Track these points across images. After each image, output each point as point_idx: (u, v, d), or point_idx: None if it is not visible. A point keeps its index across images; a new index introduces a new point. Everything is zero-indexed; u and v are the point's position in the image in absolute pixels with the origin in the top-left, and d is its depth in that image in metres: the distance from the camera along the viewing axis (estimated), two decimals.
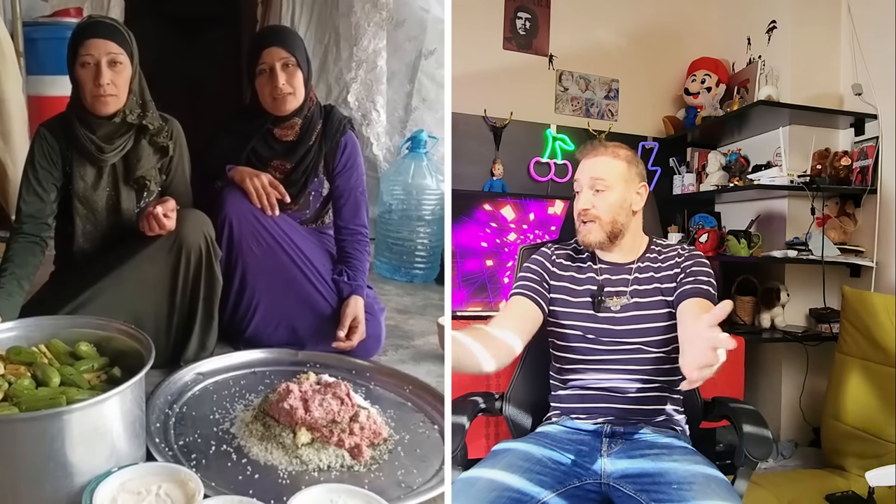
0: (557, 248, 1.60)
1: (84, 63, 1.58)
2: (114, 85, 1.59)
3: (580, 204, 1.49)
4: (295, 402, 1.38)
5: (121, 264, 1.63)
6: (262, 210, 1.79)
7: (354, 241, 1.91)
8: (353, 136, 1.94)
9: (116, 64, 1.59)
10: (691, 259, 1.48)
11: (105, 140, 1.64)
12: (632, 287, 1.48)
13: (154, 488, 1.10)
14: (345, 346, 1.76)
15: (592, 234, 1.47)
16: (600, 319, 1.46)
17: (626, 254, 1.53)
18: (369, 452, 1.37)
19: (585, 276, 1.52)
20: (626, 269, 1.51)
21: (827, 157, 2.83)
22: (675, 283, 1.45)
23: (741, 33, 3.22)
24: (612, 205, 1.46)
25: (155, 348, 1.31)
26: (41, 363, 1.33)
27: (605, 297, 1.48)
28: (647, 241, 1.56)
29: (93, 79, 1.57)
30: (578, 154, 1.57)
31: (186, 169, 1.78)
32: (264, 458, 1.33)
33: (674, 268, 1.48)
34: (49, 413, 1.13)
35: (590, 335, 1.46)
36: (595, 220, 1.46)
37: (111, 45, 1.58)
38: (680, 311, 1.40)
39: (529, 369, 1.67)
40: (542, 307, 1.49)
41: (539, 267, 1.55)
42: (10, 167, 2.32)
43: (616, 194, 1.47)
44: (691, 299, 1.39)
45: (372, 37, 2.70)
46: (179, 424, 1.43)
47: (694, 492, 1.19)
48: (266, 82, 1.79)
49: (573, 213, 1.55)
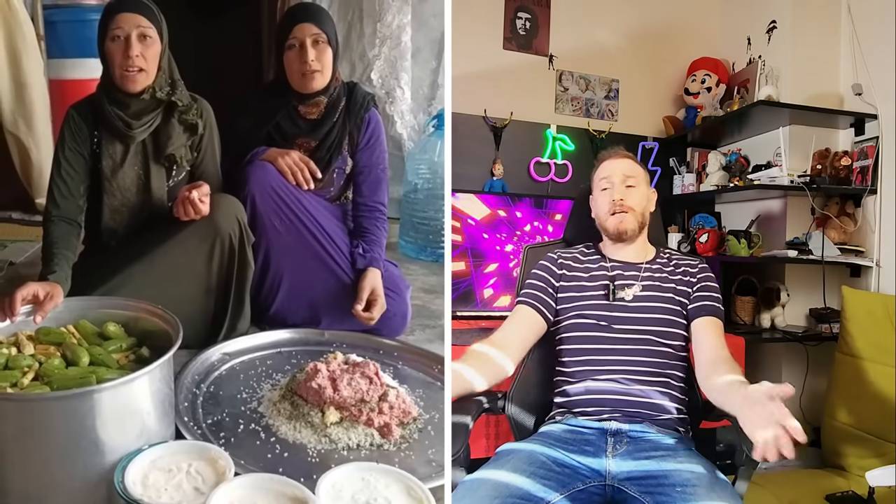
0: (563, 252, 1.66)
1: (114, 37, 1.59)
2: (143, 58, 1.60)
3: (616, 195, 1.58)
4: (323, 381, 1.39)
5: (152, 249, 1.64)
6: (297, 186, 1.79)
7: (372, 218, 1.91)
8: (376, 113, 1.95)
9: (146, 38, 1.60)
10: (704, 272, 1.59)
11: (134, 117, 1.64)
12: (644, 281, 1.56)
13: (185, 466, 1.12)
14: (365, 318, 1.76)
15: (627, 221, 1.58)
16: (614, 307, 1.53)
17: (636, 254, 1.62)
18: (399, 431, 1.38)
19: (598, 272, 1.60)
20: (637, 267, 1.59)
21: (827, 157, 2.83)
22: (692, 291, 1.55)
23: (741, 33, 3.22)
24: (641, 198, 1.60)
25: (187, 333, 1.33)
26: (70, 343, 1.36)
27: (618, 289, 1.55)
28: (654, 249, 1.66)
29: (122, 52, 1.58)
30: (603, 154, 1.68)
31: (217, 148, 1.79)
32: (293, 437, 1.35)
33: (688, 275, 1.58)
34: (80, 392, 1.15)
35: (602, 322, 1.51)
36: (629, 210, 1.57)
37: (141, 19, 1.60)
38: (696, 326, 1.51)
39: (532, 369, 1.67)
40: (545, 315, 1.57)
41: (545, 272, 1.62)
42: (33, 151, 2.35)
43: (643, 191, 1.61)
44: (707, 318, 1.51)
45: (396, 12, 2.65)
46: (207, 403, 1.45)
47: (697, 494, 1.20)
48: (295, 58, 1.79)
49: (591, 211, 1.66)
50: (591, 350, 1.50)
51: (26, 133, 2.30)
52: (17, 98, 2.27)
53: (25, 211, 2.43)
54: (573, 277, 1.59)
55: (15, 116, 2.29)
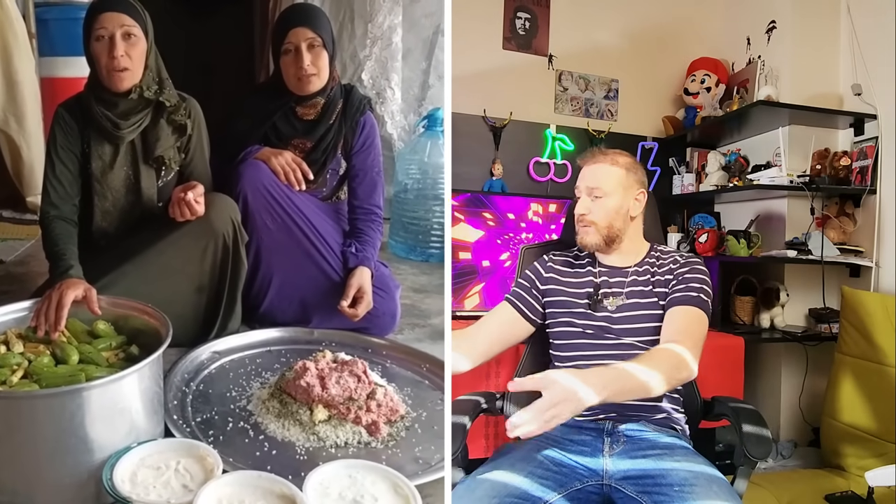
0: (555, 255, 1.65)
1: (98, 37, 1.58)
2: (128, 57, 1.59)
3: (578, 209, 1.55)
4: (312, 379, 1.40)
5: (144, 248, 1.64)
6: (289, 186, 1.80)
7: (368, 220, 1.93)
8: (371, 116, 1.96)
9: (130, 36, 1.59)
10: (687, 266, 1.51)
11: (121, 117, 1.64)
12: (628, 289, 1.52)
13: (173, 464, 1.13)
14: (350, 314, 1.77)
15: (589, 236, 1.54)
16: (597, 318, 1.50)
17: (624, 257, 1.57)
18: (386, 429, 1.39)
19: (585, 278, 1.57)
20: (624, 273, 1.55)
21: (826, 157, 2.82)
22: (667, 289, 1.49)
23: (741, 33, 3.21)
24: (608, 211, 1.52)
25: (179, 332, 1.34)
26: (60, 341, 1.36)
27: (602, 298, 1.52)
28: (647, 247, 1.60)
29: (107, 52, 1.57)
30: (580, 160, 1.61)
31: (206, 148, 1.78)
32: (281, 435, 1.35)
33: (667, 274, 1.52)
34: (69, 390, 1.16)
35: (589, 331, 1.50)
36: (591, 224, 1.52)
37: (125, 18, 1.59)
38: (665, 316, 1.45)
39: (530, 369, 1.66)
40: (527, 317, 1.57)
41: (532, 274, 1.62)
42: (24, 149, 2.36)
43: (613, 201, 1.52)
44: (679, 307, 1.44)
45: (387, 13, 2.66)
46: (197, 401, 1.45)
47: (695, 493, 1.19)
48: (291, 62, 1.79)
49: (573, 215, 1.60)
50: (580, 356, 1.50)
51: (17, 131, 2.30)
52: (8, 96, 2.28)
53: (16, 209, 2.43)
54: (562, 282, 1.58)
55: (6, 114, 2.30)
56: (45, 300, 1.41)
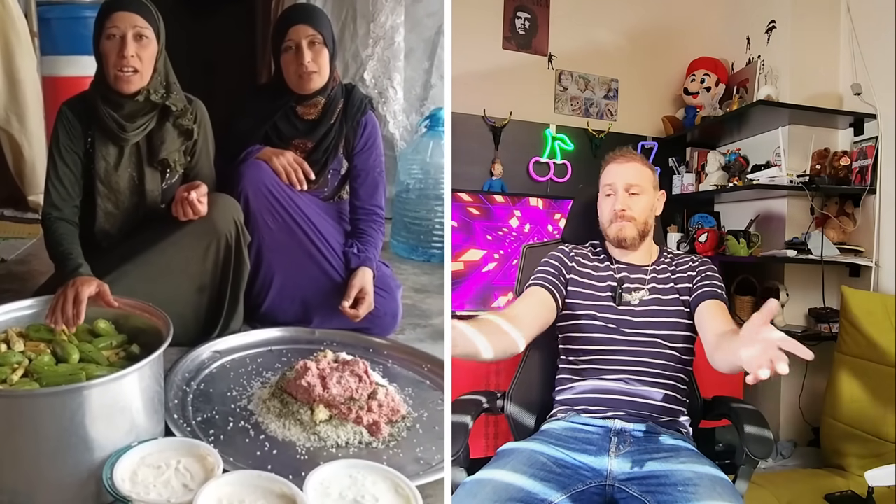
0: (574, 248, 1.66)
1: (110, 35, 1.56)
2: (138, 58, 1.57)
3: (618, 205, 1.57)
4: (312, 379, 1.40)
5: (147, 248, 1.63)
6: (290, 186, 1.79)
7: (370, 220, 1.92)
8: (373, 116, 1.95)
9: (142, 38, 1.57)
10: (704, 265, 1.58)
11: (127, 119, 1.62)
12: (650, 284, 1.56)
13: (173, 463, 1.12)
14: (351, 314, 1.77)
15: (627, 229, 1.56)
16: (620, 311, 1.52)
17: (642, 256, 1.61)
18: (387, 429, 1.39)
19: (605, 272, 1.59)
20: (643, 270, 1.59)
21: (826, 156, 2.82)
22: (692, 285, 1.54)
23: (741, 33, 3.22)
24: (644, 207, 1.58)
25: (180, 332, 1.33)
26: (60, 340, 1.36)
27: (624, 292, 1.54)
28: (658, 249, 1.65)
29: (117, 51, 1.56)
30: (609, 157, 1.65)
31: (211, 151, 1.78)
32: (282, 435, 1.35)
33: (688, 270, 1.57)
34: (69, 388, 1.15)
35: (610, 325, 1.51)
36: (632, 219, 1.56)
37: (138, 19, 1.57)
38: (699, 311, 1.49)
39: (531, 368, 1.66)
40: (557, 300, 1.55)
41: (557, 262, 1.61)
42: (25, 148, 2.36)
43: (647, 198, 1.59)
44: (710, 301, 1.48)
45: (389, 12, 2.66)
46: (197, 401, 1.45)
47: (699, 493, 1.19)
48: (292, 60, 1.79)
49: (599, 212, 1.63)
50: (598, 350, 1.50)
51: (19, 130, 2.30)
52: (9, 94, 2.28)
53: (17, 208, 2.43)
54: (583, 274, 1.59)
55: (7, 113, 2.30)
56: (59, 297, 1.41)
